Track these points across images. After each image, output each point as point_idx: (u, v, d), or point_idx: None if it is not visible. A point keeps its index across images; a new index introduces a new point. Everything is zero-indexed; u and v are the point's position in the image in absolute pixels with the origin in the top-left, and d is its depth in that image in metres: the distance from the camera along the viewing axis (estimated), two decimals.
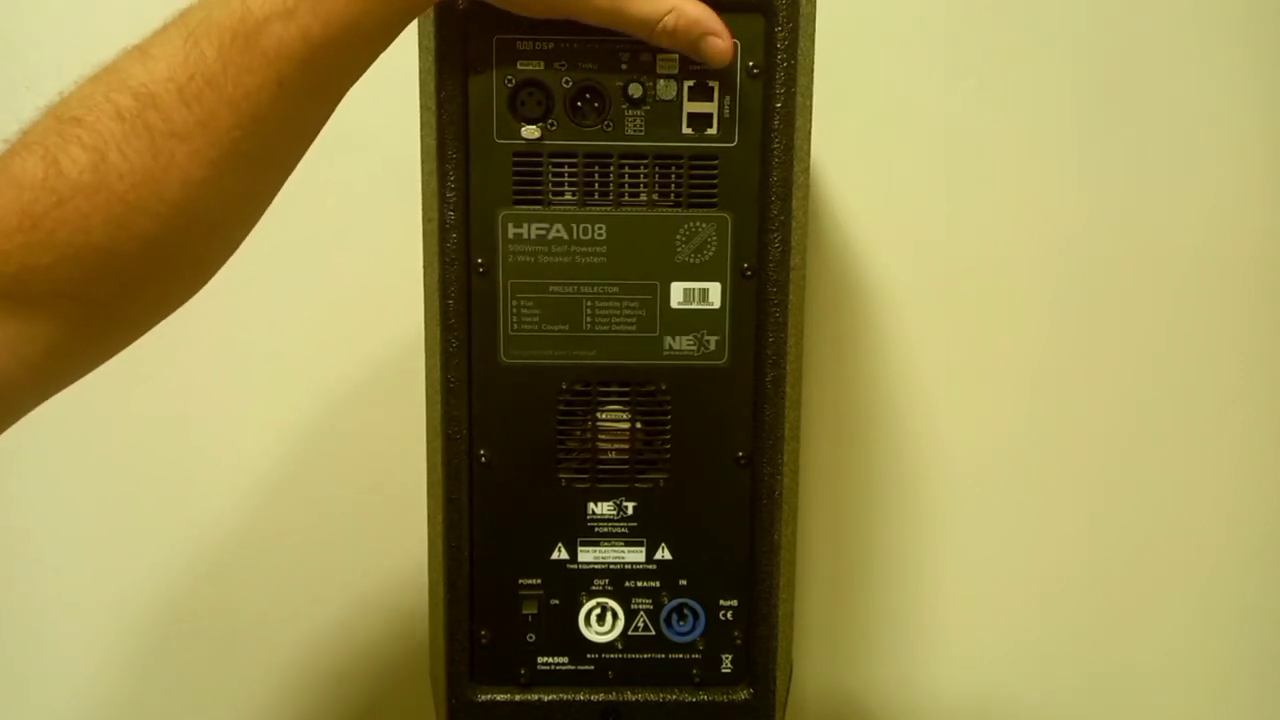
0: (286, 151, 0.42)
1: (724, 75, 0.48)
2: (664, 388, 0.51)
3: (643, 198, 0.49)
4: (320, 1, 0.38)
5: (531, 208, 0.49)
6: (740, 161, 0.49)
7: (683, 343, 0.51)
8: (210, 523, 0.78)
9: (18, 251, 0.36)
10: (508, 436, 0.51)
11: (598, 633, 0.53)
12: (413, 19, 0.44)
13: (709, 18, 0.45)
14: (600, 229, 0.50)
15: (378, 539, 0.79)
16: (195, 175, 0.38)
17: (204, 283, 0.43)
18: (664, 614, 0.53)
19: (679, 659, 0.53)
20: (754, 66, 0.48)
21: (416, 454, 0.52)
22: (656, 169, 0.49)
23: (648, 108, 0.48)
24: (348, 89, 0.43)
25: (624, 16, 0.45)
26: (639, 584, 0.53)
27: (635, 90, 0.48)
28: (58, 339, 0.38)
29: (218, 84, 0.37)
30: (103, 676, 0.79)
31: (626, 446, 0.52)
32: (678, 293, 0.50)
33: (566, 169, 0.49)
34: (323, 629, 0.80)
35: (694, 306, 0.50)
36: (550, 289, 0.50)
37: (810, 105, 0.49)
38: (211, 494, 0.78)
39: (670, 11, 0.44)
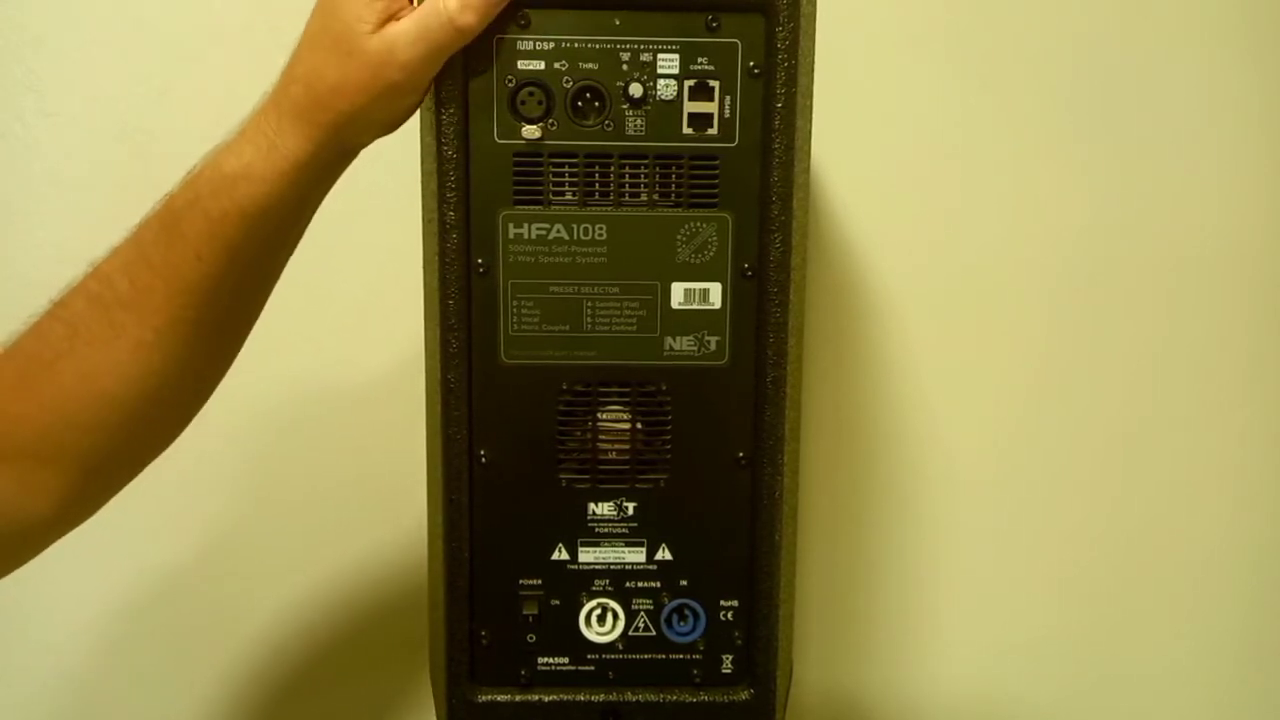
0: (229, 314, 0.48)
1: (724, 75, 0.48)
2: (664, 388, 0.51)
3: (643, 198, 0.49)
4: (225, 189, 0.44)
5: (532, 208, 0.49)
6: (740, 161, 0.49)
7: (683, 343, 0.51)
8: (206, 520, 0.78)
9: (24, 417, 0.45)
10: (508, 436, 0.51)
11: (598, 633, 0.53)
12: (323, 190, 0.48)
13: None
14: (600, 229, 0.50)
15: (378, 539, 0.79)
16: (145, 339, 0.45)
17: (177, 433, 0.50)
18: (664, 614, 0.53)
19: (679, 659, 0.53)
20: (754, 66, 0.48)
21: (416, 453, 0.52)
22: (657, 169, 0.49)
23: (648, 108, 0.48)
24: (282, 249, 0.49)
25: (435, 37, 0.45)
26: (639, 584, 0.53)
27: (636, 90, 0.48)
28: (62, 492, 0.46)
29: (151, 263, 0.45)
30: (96, 676, 0.79)
31: (627, 447, 0.52)
32: (678, 293, 0.50)
33: (567, 169, 0.49)
34: (323, 629, 0.80)
35: (694, 307, 0.50)
36: (550, 289, 0.50)
37: (810, 105, 0.49)
38: (210, 492, 0.78)
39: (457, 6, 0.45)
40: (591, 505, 0.52)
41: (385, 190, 0.72)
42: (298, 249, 0.51)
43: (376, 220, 0.73)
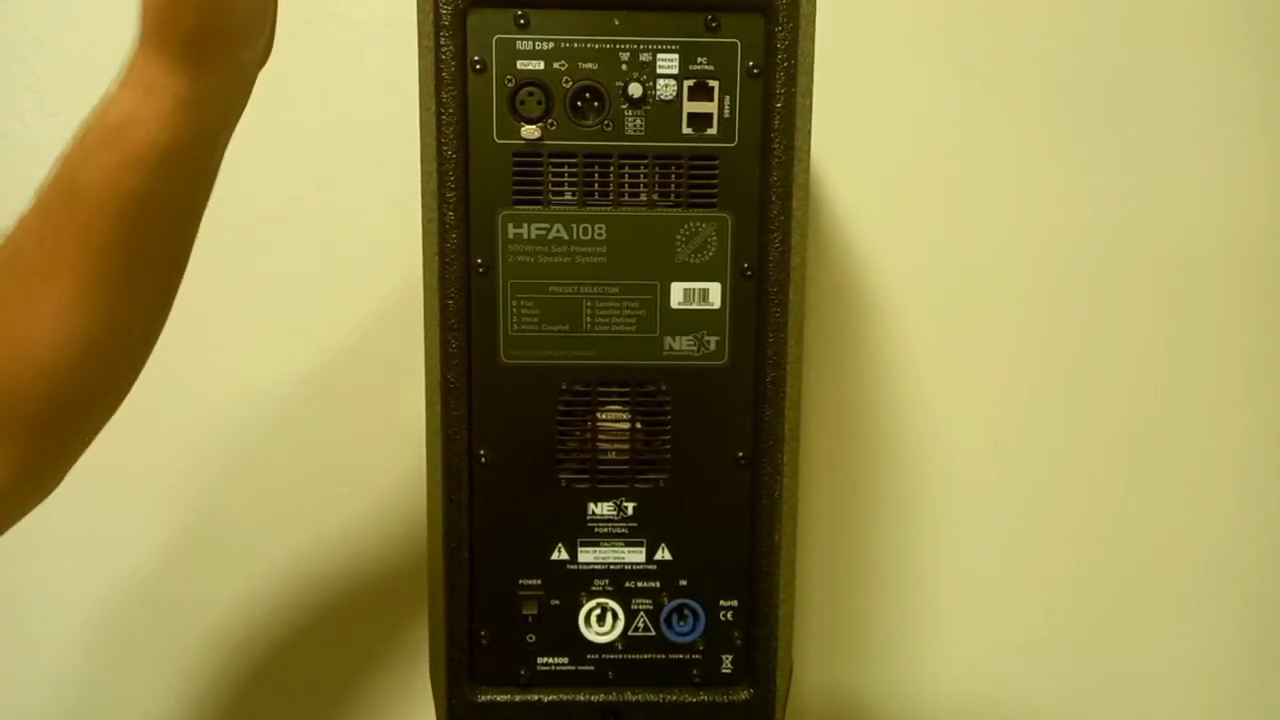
0: (149, 265, 0.46)
1: (724, 75, 0.48)
2: (664, 388, 0.51)
3: (643, 198, 0.49)
4: (114, 138, 0.43)
5: (531, 208, 0.49)
6: (740, 161, 0.49)
7: (683, 343, 0.51)
8: (205, 520, 0.78)
9: None
10: (508, 437, 0.51)
11: (598, 633, 0.53)
12: (224, 123, 0.46)
13: None
14: (600, 229, 0.50)
15: (377, 539, 0.79)
16: (64, 303, 0.44)
17: (124, 392, 0.49)
18: (664, 614, 0.53)
19: (679, 659, 0.53)
20: (754, 66, 0.48)
21: (416, 453, 0.52)
22: (656, 169, 0.49)
23: (648, 108, 0.48)
24: (193, 191, 0.47)
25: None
26: (639, 584, 0.53)
27: (635, 90, 0.48)
28: (15, 463, 0.45)
29: (56, 224, 0.44)
30: (88, 679, 0.79)
31: (626, 447, 0.52)
32: (678, 293, 0.50)
33: (566, 169, 0.49)
34: (322, 629, 0.80)
35: (694, 306, 0.50)
36: (550, 289, 0.50)
37: (810, 105, 0.49)
38: (207, 492, 0.78)
39: None
40: (591, 505, 0.52)
41: (385, 190, 0.72)
42: (298, 249, 0.51)
43: (376, 220, 0.73)
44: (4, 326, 0.44)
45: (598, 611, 0.53)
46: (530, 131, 0.48)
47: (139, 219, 0.44)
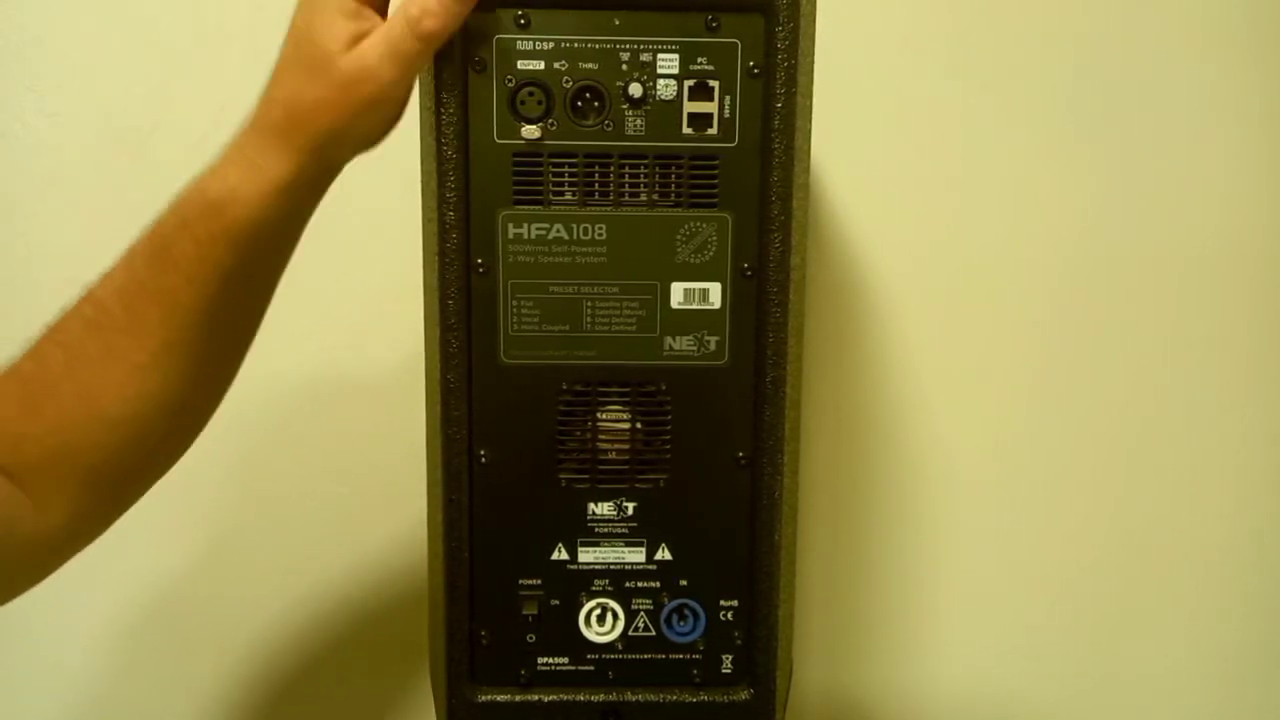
0: (224, 334, 0.49)
1: (724, 75, 0.48)
2: (664, 388, 0.51)
3: (643, 198, 0.49)
4: (211, 213, 0.45)
5: (531, 208, 0.49)
6: (740, 161, 0.49)
7: (683, 343, 0.51)
8: (204, 522, 0.78)
9: (28, 436, 0.45)
10: (508, 436, 0.51)
11: (598, 633, 0.53)
12: (310, 209, 0.48)
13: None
14: (600, 229, 0.50)
15: (377, 539, 0.79)
16: (141, 362, 0.46)
17: (181, 451, 0.51)
18: (664, 614, 0.53)
19: (679, 659, 0.53)
20: (754, 66, 0.48)
21: (416, 453, 0.52)
22: (657, 169, 0.49)
23: (648, 108, 0.48)
24: (273, 268, 0.49)
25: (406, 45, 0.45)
26: (639, 584, 0.53)
27: (635, 90, 0.48)
28: (71, 509, 0.46)
29: (143, 287, 0.46)
30: (95, 681, 0.79)
31: (626, 447, 0.52)
32: (678, 293, 0.50)
33: (566, 169, 0.49)
34: (323, 629, 0.80)
35: (694, 307, 0.50)
36: (550, 289, 0.50)
37: (810, 105, 0.49)
38: (207, 494, 0.78)
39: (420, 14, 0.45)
40: (591, 505, 0.52)
41: (385, 190, 0.72)
42: (298, 249, 0.51)
43: (376, 220, 0.73)
44: (82, 380, 0.46)
45: (598, 611, 0.53)
46: (530, 131, 0.48)
47: (224, 290, 0.46)
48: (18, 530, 0.45)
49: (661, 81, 0.48)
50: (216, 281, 0.46)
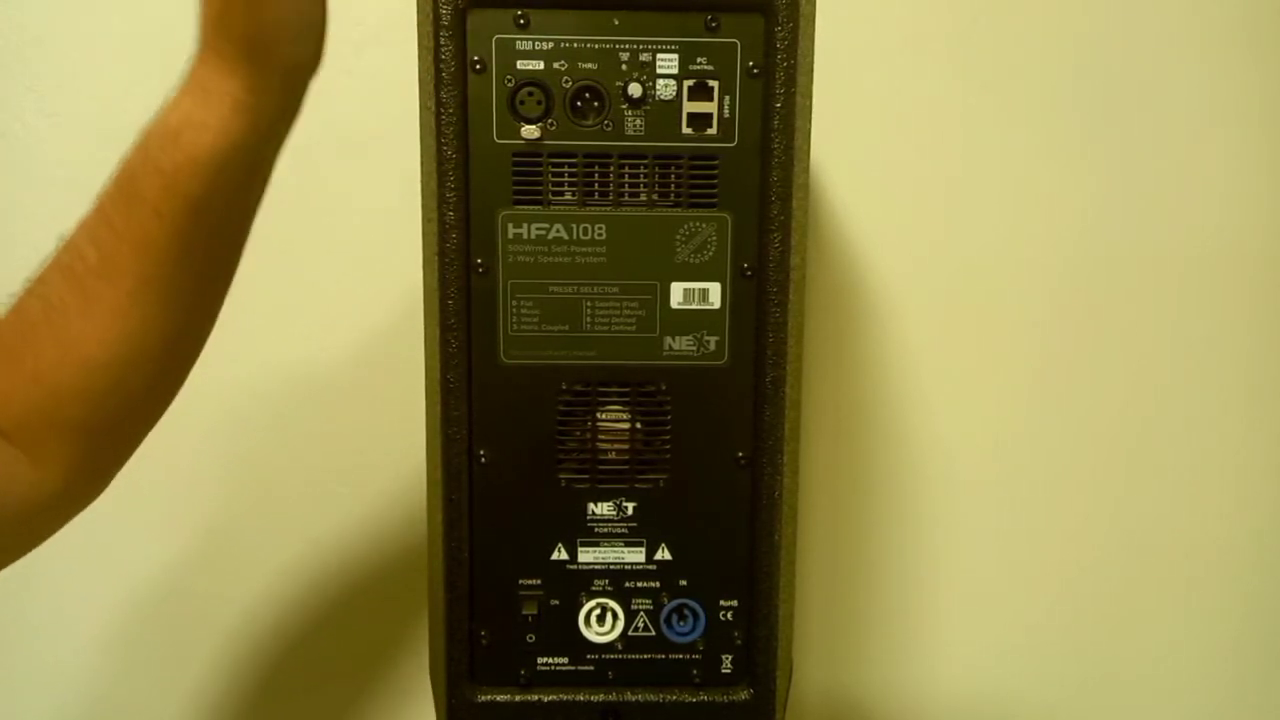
0: (202, 269, 0.47)
1: (723, 75, 0.48)
2: (664, 388, 0.51)
3: (642, 198, 0.49)
4: (171, 141, 0.44)
5: (531, 208, 0.49)
6: (740, 161, 0.49)
7: (683, 343, 0.51)
8: (203, 520, 0.78)
9: (10, 391, 0.45)
10: (508, 436, 0.51)
11: (598, 633, 0.53)
12: (276, 131, 0.47)
13: None
14: (600, 229, 0.50)
15: (378, 539, 0.79)
16: (120, 304, 0.45)
17: (171, 395, 0.50)
18: (664, 614, 0.53)
19: (679, 659, 0.53)
20: (754, 66, 0.48)
21: (416, 452, 0.52)
22: (656, 169, 0.49)
23: (647, 108, 0.48)
24: (245, 197, 0.48)
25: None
26: (639, 584, 0.53)
27: (635, 90, 0.48)
28: (67, 463, 0.46)
29: (114, 227, 0.45)
30: (92, 678, 0.79)
31: (626, 447, 0.52)
32: (678, 293, 0.50)
33: (566, 169, 0.49)
34: (322, 629, 0.80)
35: (694, 306, 0.50)
36: (550, 289, 0.50)
37: (810, 105, 0.49)
38: (206, 492, 0.78)
39: None
40: (591, 505, 0.52)
41: (385, 190, 0.72)
42: (299, 250, 0.51)
43: (376, 220, 0.73)
44: (61, 327, 0.45)
45: (598, 611, 0.53)
46: (530, 131, 0.48)
47: (195, 223, 0.45)
48: (14, 488, 0.45)
49: (661, 81, 0.48)
50: (186, 213, 0.45)
